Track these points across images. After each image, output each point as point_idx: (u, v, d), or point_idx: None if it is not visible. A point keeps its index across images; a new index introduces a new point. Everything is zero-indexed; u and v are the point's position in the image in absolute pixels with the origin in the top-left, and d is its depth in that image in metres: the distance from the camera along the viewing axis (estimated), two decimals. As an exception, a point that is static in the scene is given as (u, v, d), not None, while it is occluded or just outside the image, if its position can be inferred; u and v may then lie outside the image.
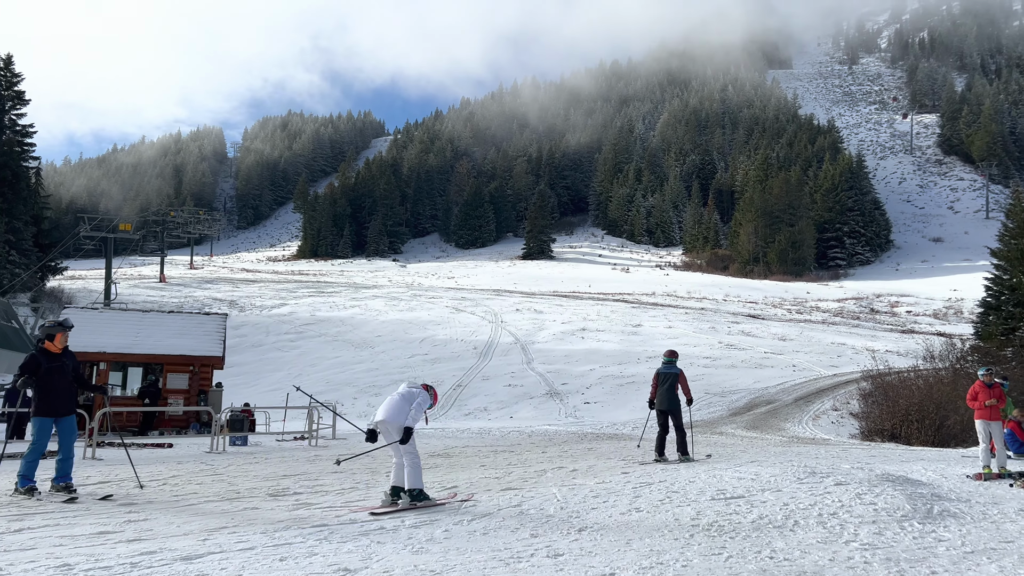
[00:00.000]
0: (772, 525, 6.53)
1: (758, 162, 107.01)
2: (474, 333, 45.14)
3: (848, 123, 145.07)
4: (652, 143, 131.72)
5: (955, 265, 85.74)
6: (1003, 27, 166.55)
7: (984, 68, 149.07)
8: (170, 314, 26.37)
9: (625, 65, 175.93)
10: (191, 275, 77.77)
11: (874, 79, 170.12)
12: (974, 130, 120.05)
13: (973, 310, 39.62)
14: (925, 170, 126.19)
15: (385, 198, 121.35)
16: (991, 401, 11.20)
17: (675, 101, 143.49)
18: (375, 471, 11.10)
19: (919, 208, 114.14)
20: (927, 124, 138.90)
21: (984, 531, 6.53)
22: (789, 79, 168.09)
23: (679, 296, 66.89)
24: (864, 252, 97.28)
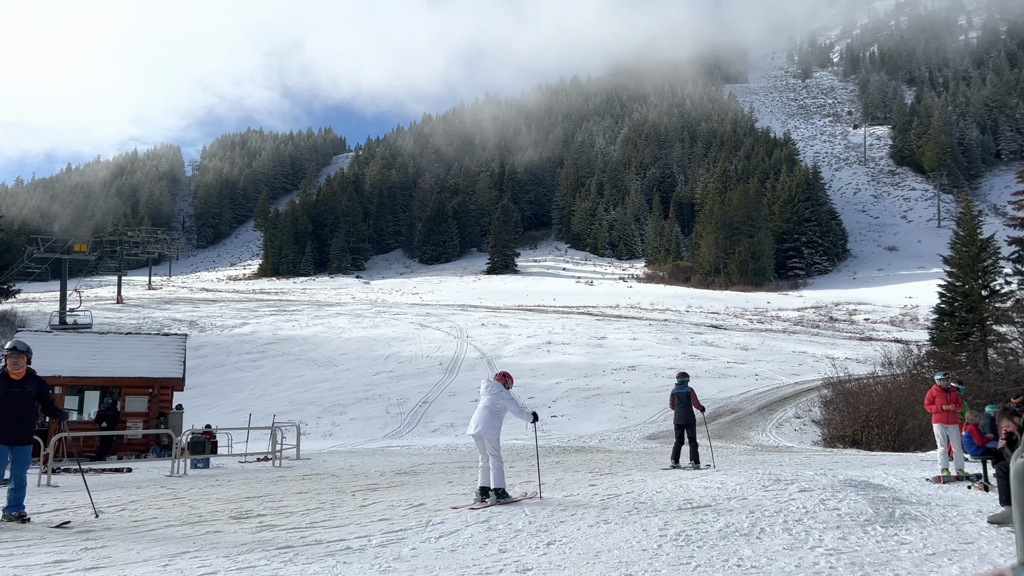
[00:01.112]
0: (739, 533, 6.57)
1: (717, 175, 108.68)
2: (439, 349, 44.96)
3: (803, 135, 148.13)
4: (613, 157, 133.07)
5: (910, 273, 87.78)
6: (949, 41, 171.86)
7: (932, 81, 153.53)
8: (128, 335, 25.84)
9: (585, 81, 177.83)
10: (149, 296, 76.35)
11: (827, 92, 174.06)
12: (924, 141, 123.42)
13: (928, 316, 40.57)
14: (879, 180, 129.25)
15: (347, 215, 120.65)
16: (948, 405, 11.44)
17: (635, 116, 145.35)
18: (340, 491, 10.96)
19: (874, 218, 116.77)
20: (879, 136, 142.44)
21: (944, 533, 6.64)
22: (745, 93, 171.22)
23: (643, 308, 67.43)
24: (822, 262, 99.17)
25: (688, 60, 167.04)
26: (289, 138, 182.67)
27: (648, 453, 18.50)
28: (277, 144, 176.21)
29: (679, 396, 14.27)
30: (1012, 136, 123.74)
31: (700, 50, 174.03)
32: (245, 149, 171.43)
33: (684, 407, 14.06)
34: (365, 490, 11.04)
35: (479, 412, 9.24)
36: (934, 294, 32.41)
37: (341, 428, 29.74)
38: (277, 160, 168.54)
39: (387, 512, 8.56)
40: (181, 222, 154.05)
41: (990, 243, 29.24)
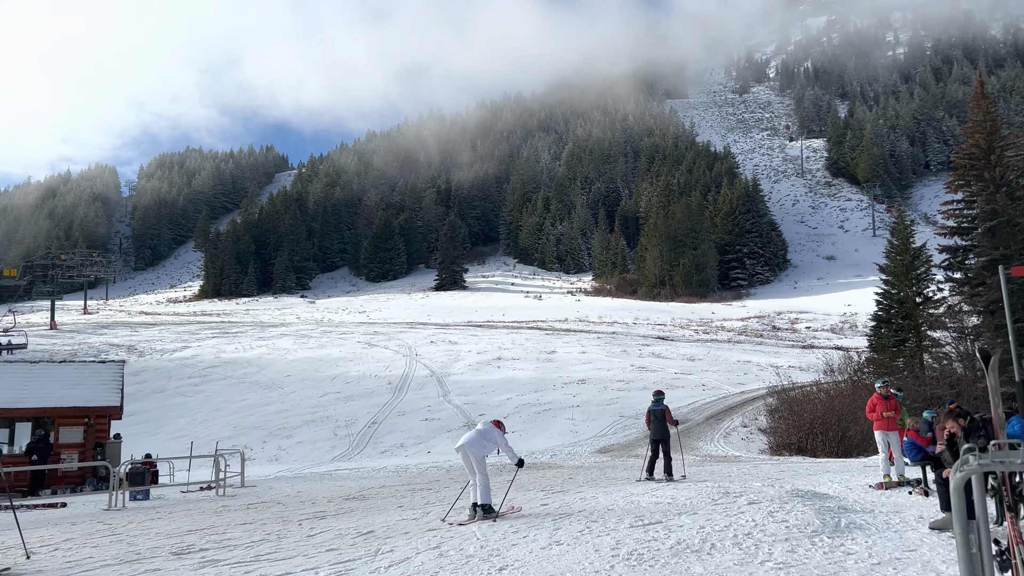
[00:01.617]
0: (690, 550, 6.58)
1: (660, 189, 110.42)
2: (388, 368, 44.47)
3: (743, 149, 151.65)
4: (558, 173, 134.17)
5: (848, 281, 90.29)
6: (878, 57, 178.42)
7: (863, 95, 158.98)
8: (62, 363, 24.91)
9: (528, 98, 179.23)
10: (85, 320, 73.91)
11: (765, 106, 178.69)
12: (858, 153, 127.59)
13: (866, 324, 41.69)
14: (816, 192, 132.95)
15: (291, 233, 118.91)
16: (888, 412, 11.73)
17: (578, 131, 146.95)
18: (287, 520, 10.69)
19: (812, 228, 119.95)
20: (815, 148, 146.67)
21: (889, 541, 6.75)
22: (686, 108, 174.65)
23: (591, 321, 67.86)
24: (764, 272, 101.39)
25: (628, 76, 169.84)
26: (230, 156, 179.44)
27: (599, 468, 18.52)
28: (217, 163, 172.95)
29: (655, 413, 14.90)
30: (940, 148, 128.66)
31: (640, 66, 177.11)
32: (184, 168, 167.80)
33: (660, 423, 14.71)
34: (312, 518, 10.78)
35: (470, 433, 10.30)
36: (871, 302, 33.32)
37: (287, 452, 29.11)
38: (218, 179, 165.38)
39: (335, 542, 8.36)
40: (118, 244, 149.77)
41: (922, 251, 30.23)
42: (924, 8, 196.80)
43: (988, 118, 29.48)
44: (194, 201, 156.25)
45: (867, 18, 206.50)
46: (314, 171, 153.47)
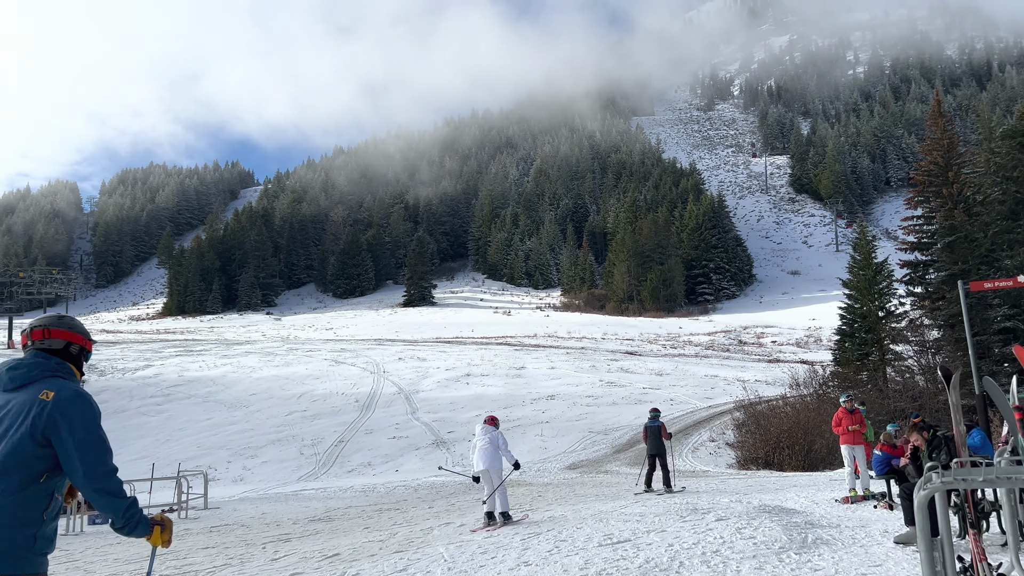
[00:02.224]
0: (659, 569, 6.54)
1: (627, 205, 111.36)
2: (355, 385, 44.04)
3: (708, 165, 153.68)
4: (527, 188, 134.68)
5: (812, 296, 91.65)
6: (840, 76, 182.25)
7: (825, 113, 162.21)
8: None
9: (496, 114, 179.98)
10: (44, 339, 72.18)
11: (729, 124, 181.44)
12: (820, 170, 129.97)
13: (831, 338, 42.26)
14: (780, 208, 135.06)
15: (256, 250, 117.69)
16: (854, 426, 11.86)
17: (546, 148, 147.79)
18: (250, 543, 10.46)
19: (777, 243, 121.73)
20: (779, 165, 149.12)
21: (855, 556, 6.78)
22: (652, 125, 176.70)
23: (560, 336, 67.97)
24: (730, 287, 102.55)
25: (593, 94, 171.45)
26: (194, 172, 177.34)
27: (568, 485, 18.46)
28: (181, 179, 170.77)
29: (651, 429, 15.76)
30: (899, 164, 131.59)
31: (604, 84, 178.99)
32: (147, 184, 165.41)
33: (655, 439, 15.61)
34: (276, 541, 10.57)
35: (482, 451, 11.00)
36: (836, 316, 33.81)
37: (252, 472, 28.62)
38: (182, 195, 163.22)
39: (299, 566, 8.19)
40: (79, 261, 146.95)
41: (884, 266, 30.79)
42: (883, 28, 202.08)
43: (945, 136, 30.22)
44: (157, 217, 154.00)
45: (828, 38, 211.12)
46: (280, 187, 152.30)
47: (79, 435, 2.85)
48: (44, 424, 2.83)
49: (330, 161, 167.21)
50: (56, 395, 2.89)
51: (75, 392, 2.95)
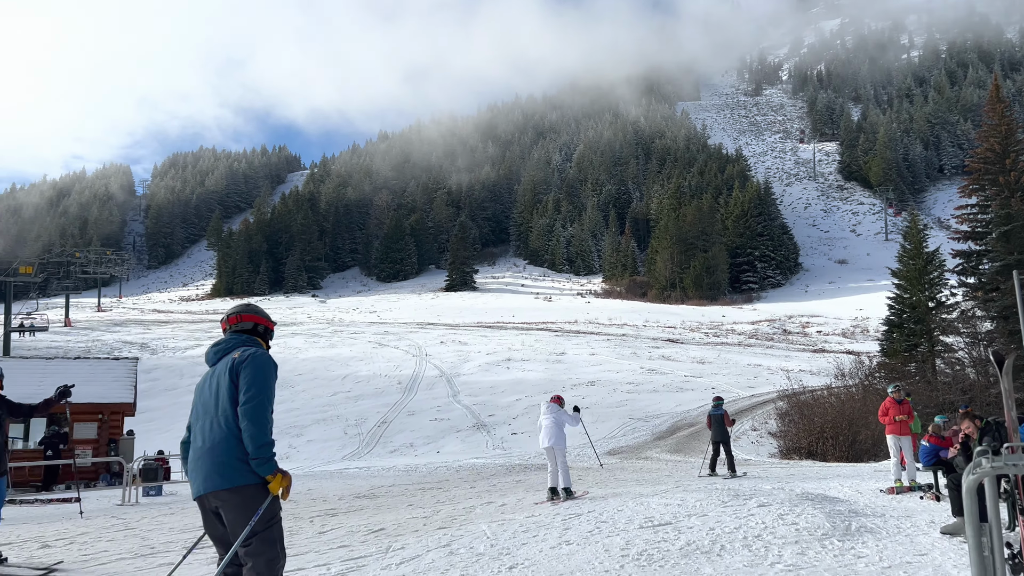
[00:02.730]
0: (700, 551, 6.59)
1: (671, 191, 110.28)
2: (398, 368, 44.60)
3: (755, 151, 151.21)
4: (570, 174, 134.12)
5: (859, 285, 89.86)
6: (893, 60, 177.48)
7: (877, 99, 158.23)
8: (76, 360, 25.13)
9: (540, 99, 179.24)
10: (99, 318, 74.46)
11: (777, 109, 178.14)
12: (871, 157, 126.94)
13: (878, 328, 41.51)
14: (828, 195, 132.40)
15: (303, 233, 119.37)
16: (901, 416, 11.69)
17: (590, 133, 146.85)
18: (298, 517, 10.75)
19: (824, 232, 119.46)
20: (828, 151, 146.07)
21: (899, 545, 6.75)
22: (697, 110, 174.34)
23: (601, 323, 67.83)
24: (775, 275, 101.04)
25: (638, 78, 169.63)
26: (242, 156, 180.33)
27: (608, 470, 18.51)
28: (230, 162, 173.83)
29: (715, 417, 16.58)
30: (954, 151, 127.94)
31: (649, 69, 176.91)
32: (197, 168, 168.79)
33: (719, 426, 16.40)
34: (323, 515, 10.85)
35: (548, 428, 11.69)
36: (883, 306, 33.17)
37: (298, 450, 29.25)
38: (230, 178, 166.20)
39: (346, 539, 8.42)
40: (131, 242, 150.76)
41: (935, 256, 30.10)
42: (939, 11, 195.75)
43: (1003, 122, 29.34)
44: (207, 200, 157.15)
45: (881, 21, 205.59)
46: (326, 171, 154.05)
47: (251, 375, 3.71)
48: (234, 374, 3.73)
49: (374, 146, 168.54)
50: (242, 353, 3.81)
51: (257, 351, 3.87)
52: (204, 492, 3.64)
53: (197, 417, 3.84)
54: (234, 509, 3.57)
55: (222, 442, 3.65)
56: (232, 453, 3.63)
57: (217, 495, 3.60)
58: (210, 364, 3.95)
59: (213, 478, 3.60)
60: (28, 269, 55.68)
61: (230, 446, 3.65)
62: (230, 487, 3.59)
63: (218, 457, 3.63)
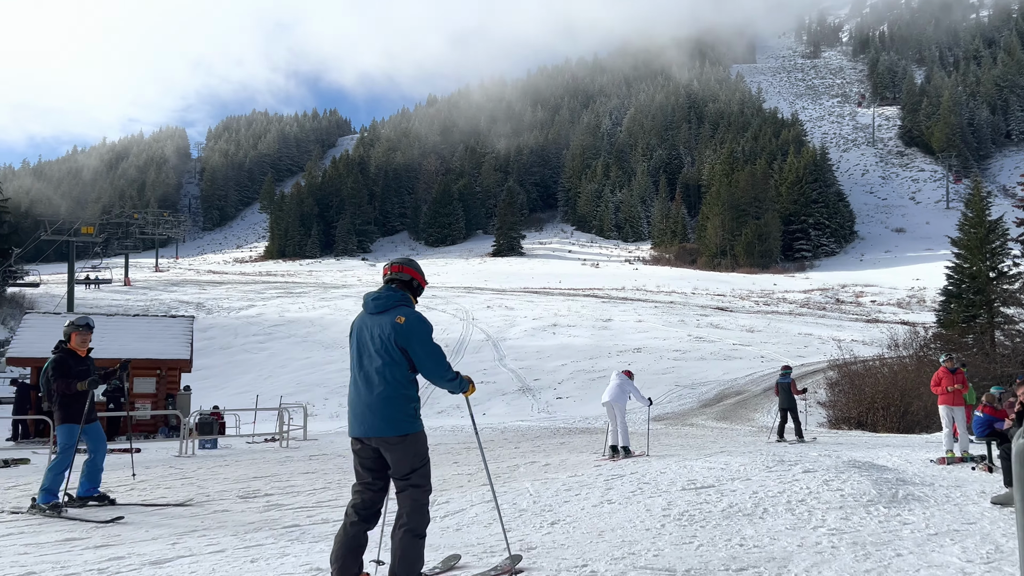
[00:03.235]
0: (742, 513, 6.61)
1: (724, 156, 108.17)
2: (445, 331, 45.06)
3: (811, 116, 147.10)
4: (619, 139, 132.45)
5: (917, 255, 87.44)
6: (960, 20, 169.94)
7: (942, 60, 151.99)
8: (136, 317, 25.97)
9: (591, 61, 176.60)
10: (156, 278, 76.64)
11: (836, 72, 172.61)
12: (933, 122, 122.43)
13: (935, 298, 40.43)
14: (887, 162, 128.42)
15: (353, 197, 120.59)
16: (954, 387, 11.45)
17: (641, 97, 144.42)
18: (347, 471, 11.04)
19: (882, 199, 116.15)
20: (888, 116, 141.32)
21: (947, 513, 6.66)
22: (753, 73, 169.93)
23: (648, 290, 67.38)
24: (829, 243, 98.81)
25: (691, 40, 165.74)
26: (295, 120, 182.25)
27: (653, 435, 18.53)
28: (283, 126, 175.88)
29: (782, 385, 17.10)
30: (1022, 116, 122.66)
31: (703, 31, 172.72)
32: (251, 131, 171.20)
33: (786, 394, 16.91)
34: (371, 470, 11.12)
35: (610, 389, 12.50)
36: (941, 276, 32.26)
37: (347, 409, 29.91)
38: (282, 142, 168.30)
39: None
40: (187, 204, 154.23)
41: (999, 225, 29.09)
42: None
43: (1077, 85, 27.98)
44: (260, 164, 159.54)
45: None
46: (376, 135, 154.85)
47: (425, 348, 4.23)
48: (401, 340, 4.21)
49: (423, 110, 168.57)
50: (406, 320, 4.24)
51: (417, 317, 4.30)
52: (370, 435, 4.23)
53: (359, 363, 4.34)
54: (397, 451, 4.20)
55: (389, 397, 4.21)
56: (399, 407, 4.21)
57: (384, 440, 4.20)
58: (370, 312, 4.38)
59: (380, 426, 4.19)
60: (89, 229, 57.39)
61: (397, 401, 4.22)
62: (397, 435, 4.18)
63: (386, 411, 4.19)
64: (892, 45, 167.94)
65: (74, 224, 56.24)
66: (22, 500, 8.28)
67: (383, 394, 4.20)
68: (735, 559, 5.14)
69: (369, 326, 4.33)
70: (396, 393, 4.22)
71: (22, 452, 15.47)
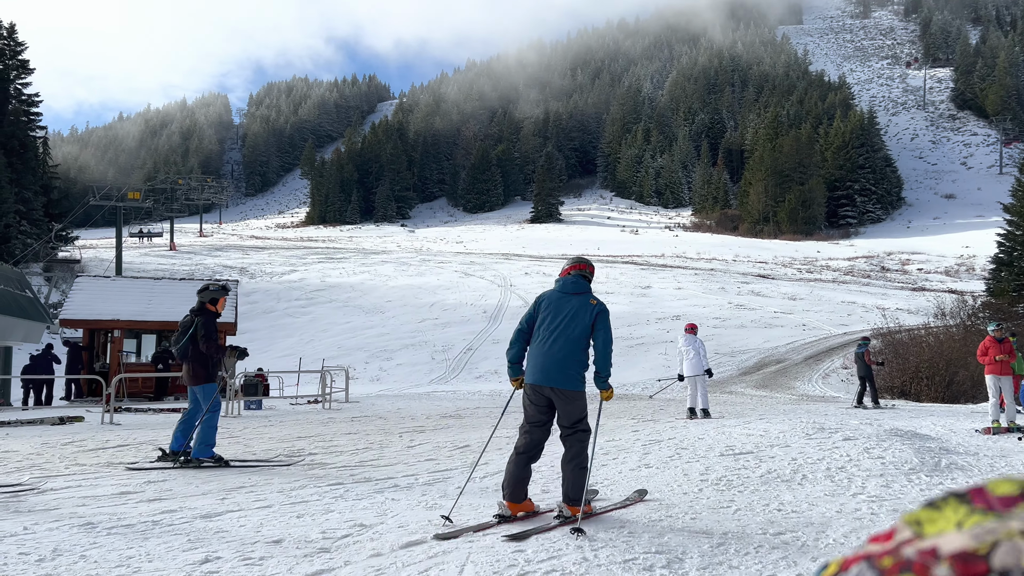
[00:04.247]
0: (780, 479, 6.61)
1: (768, 120, 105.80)
2: (483, 297, 45.26)
3: (860, 79, 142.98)
4: (660, 103, 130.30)
5: (967, 222, 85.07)
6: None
7: (999, 20, 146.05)
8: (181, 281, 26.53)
9: (632, 23, 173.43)
10: (201, 243, 78.03)
11: (887, 33, 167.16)
12: (988, 84, 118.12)
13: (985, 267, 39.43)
14: (938, 126, 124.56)
15: (392, 163, 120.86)
16: (1002, 356, 11.22)
17: (683, 59, 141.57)
18: (388, 432, 11.25)
19: (931, 164, 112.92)
20: (940, 78, 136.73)
21: (991, 482, 6.59)
22: (799, 35, 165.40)
23: (688, 257, 66.74)
24: (875, 210, 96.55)
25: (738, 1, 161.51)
26: (334, 86, 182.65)
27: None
28: (323, 92, 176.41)
29: (859, 355, 18.34)
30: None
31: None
32: (291, 97, 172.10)
33: (862, 363, 18.11)
34: (412, 432, 11.32)
35: (692, 362, 13.43)
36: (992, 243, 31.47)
37: (388, 373, 30.33)
38: (323, 108, 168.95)
39: (433, 453, 8.80)
40: (230, 170, 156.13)
41: (1054, 190, 28.18)
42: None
43: None
44: (300, 130, 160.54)
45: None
46: (415, 101, 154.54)
47: (605, 326, 5.37)
48: (593, 319, 5.31)
49: (463, 75, 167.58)
50: (598, 303, 5.40)
51: (602, 304, 5.45)
52: (548, 385, 5.22)
53: (551, 327, 5.31)
54: (569, 403, 5.25)
55: (571, 356, 5.21)
56: (576, 368, 5.23)
57: (557, 392, 5.21)
58: (566, 292, 5.45)
59: (559, 379, 5.20)
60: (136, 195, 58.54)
61: (576, 362, 5.23)
62: (571, 389, 5.22)
63: (567, 368, 5.19)
64: (946, 4, 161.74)
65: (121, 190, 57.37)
66: (79, 456, 8.61)
67: (565, 354, 5.19)
68: (772, 523, 5.16)
69: (563, 301, 5.39)
70: (574, 357, 5.22)
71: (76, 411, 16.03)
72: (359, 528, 5.06)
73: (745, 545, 4.61)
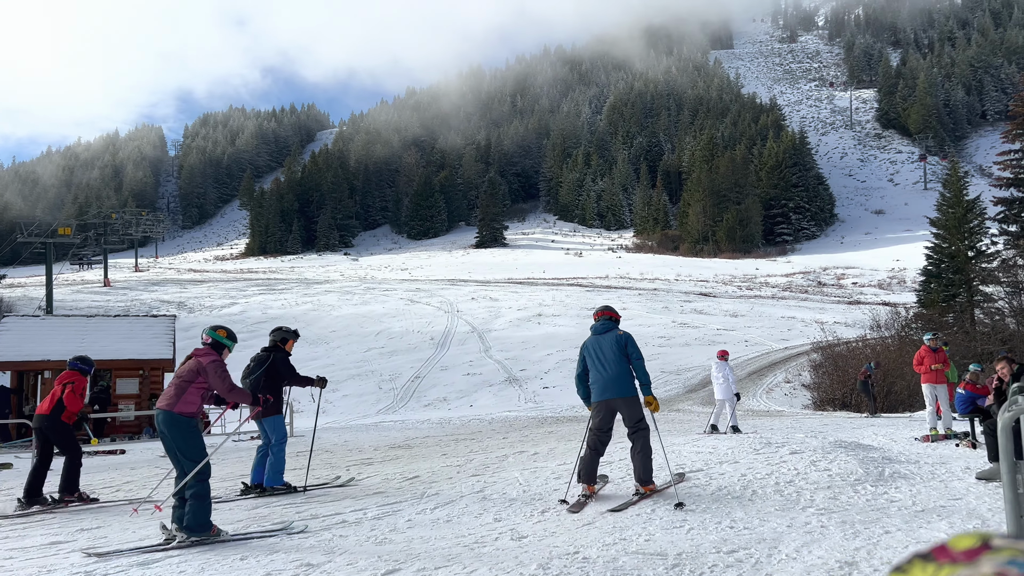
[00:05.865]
0: (731, 496, 6.63)
1: (703, 142, 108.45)
2: (430, 324, 44.97)
3: (789, 100, 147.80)
4: (599, 127, 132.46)
5: (897, 236, 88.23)
6: (934, 2, 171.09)
7: (917, 43, 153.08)
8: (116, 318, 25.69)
9: (569, 50, 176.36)
10: (136, 278, 75.86)
11: (813, 56, 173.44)
12: (910, 103, 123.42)
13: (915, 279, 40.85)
14: (865, 144, 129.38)
15: (333, 191, 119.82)
16: (937, 365, 11.54)
17: (620, 85, 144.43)
18: (335, 466, 10.98)
19: (861, 182, 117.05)
20: (865, 99, 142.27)
21: (933, 490, 6.72)
22: (731, 59, 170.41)
23: (632, 278, 67.57)
24: (810, 227, 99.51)
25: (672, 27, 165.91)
26: (272, 115, 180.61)
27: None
28: (260, 121, 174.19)
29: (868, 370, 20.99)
30: (997, 96, 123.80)
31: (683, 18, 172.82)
32: (228, 128, 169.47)
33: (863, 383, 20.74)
34: (360, 464, 11.09)
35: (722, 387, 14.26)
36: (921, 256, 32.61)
37: (334, 405, 29.77)
38: (260, 138, 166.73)
39: (382, 485, 8.60)
40: (166, 203, 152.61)
41: (976, 204, 29.39)
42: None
43: (1050, 63, 28.26)
44: (238, 160, 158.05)
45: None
46: (355, 129, 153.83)
47: (635, 348, 6.94)
48: (623, 346, 6.90)
49: (402, 102, 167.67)
50: (624, 334, 7.00)
51: (627, 333, 7.02)
52: (610, 398, 6.81)
53: (599, 361, 6.91)
54: (630, 407, 6.83)
55: (621, 373, 6.81)
56: (626, 380, 6.81)
57: (619, 400, 6.82)
58: (598, 333, 7.12)
59: (618, 390, 6.80)
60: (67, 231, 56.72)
61: (625, 376, 6.81)
62: (627, 396, 6.80)
63: (621, 382, 6.80)
64: (868, 28, 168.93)
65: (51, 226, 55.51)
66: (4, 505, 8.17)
67: (617, 373, 6.80)
68: (726, 541, 5.16)
69: (600, 341, 7.03)
70: (624, 372, 6.81)
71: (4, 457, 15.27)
72: (306, 568, 4.89)
73: (700, 565, 4.58)
